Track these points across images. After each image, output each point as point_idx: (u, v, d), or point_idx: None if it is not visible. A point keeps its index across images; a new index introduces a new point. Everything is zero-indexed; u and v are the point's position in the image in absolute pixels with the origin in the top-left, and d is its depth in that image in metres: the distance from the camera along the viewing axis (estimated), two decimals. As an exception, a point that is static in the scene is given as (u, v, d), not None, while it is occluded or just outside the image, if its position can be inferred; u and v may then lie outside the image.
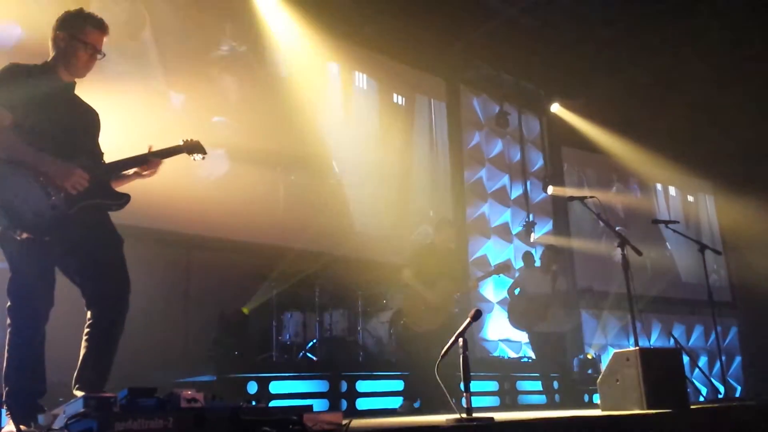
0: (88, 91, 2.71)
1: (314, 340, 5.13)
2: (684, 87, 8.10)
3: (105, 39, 2.67)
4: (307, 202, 6.12)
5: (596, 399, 5.98)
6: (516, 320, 5.82)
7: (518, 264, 7.70)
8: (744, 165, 9.60)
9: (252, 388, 4.02)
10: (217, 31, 5.98)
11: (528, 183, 8.65)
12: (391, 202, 6.91)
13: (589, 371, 6.84)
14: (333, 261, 5.70)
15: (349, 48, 6.86)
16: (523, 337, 7.49)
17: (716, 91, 8.23)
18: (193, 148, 2.86)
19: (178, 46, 5.64)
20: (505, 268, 5.41)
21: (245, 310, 4.82)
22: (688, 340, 9.73)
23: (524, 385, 5.88)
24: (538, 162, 8.95)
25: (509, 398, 5.68)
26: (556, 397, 5.73)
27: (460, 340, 2.57)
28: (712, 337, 8.82)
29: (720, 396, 7.22)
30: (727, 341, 10.19)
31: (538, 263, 6.25)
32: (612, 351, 5.60)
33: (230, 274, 5.28)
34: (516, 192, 8.55)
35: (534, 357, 6.12)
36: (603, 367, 5.17)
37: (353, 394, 4.53)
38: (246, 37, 6.13)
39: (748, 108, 8.42)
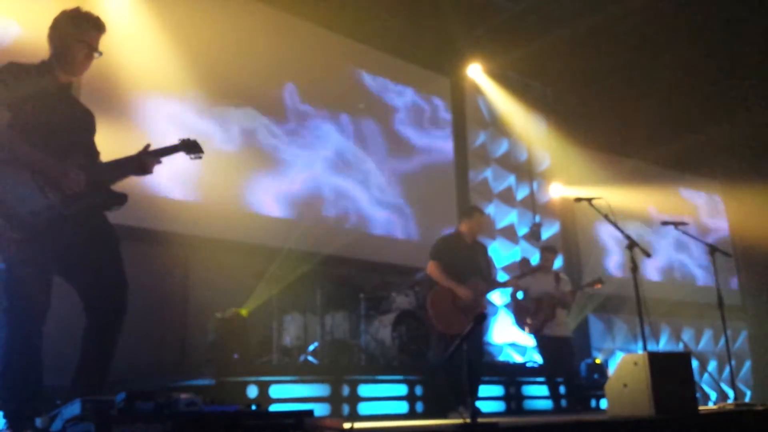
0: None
1: (315, 343, 5.08)
2: (690, 84, 8.03)
3: (101, 37, 2.65)
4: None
5: (603, 404, 5.92)
6: (524, 324, 5.74)
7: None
8: (753, 163, 9.50)
9: (252, 392, 3.95)
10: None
11: (535, 183, 8.58)
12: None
13: (596, 376, 6.76)
14: (334, 262, 5.66)
15: (349, 45, 6.83)
16: (529, 341, 7.43)
17: (722, 88, 8.15)
18: (190, 147, 2.83)
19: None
20: (540, 267, 5.32)
21: (243, 312, 4.77)
22: (698, 344, 9.63)
23: (530, 390, 5.81)
24: (544, 162, 8.88)
25: (515, 403, 5.61)
26: (563, 402, 5.65)
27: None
28: (722, 341, 8.72)
29: (729, 401, 7.12)
30: (736, 345, 10.08)
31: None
32: (620, 355, 5.55)
33: (230, 276, 5.23)
34: (522, 193, 8.48)
35: (541, 362, 6.05)
36: (610, 371, 5.11)
37: (355, 399, 4.47)
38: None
39: (758, 102, 8.33)
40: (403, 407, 4.72)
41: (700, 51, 7.42)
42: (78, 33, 2.58)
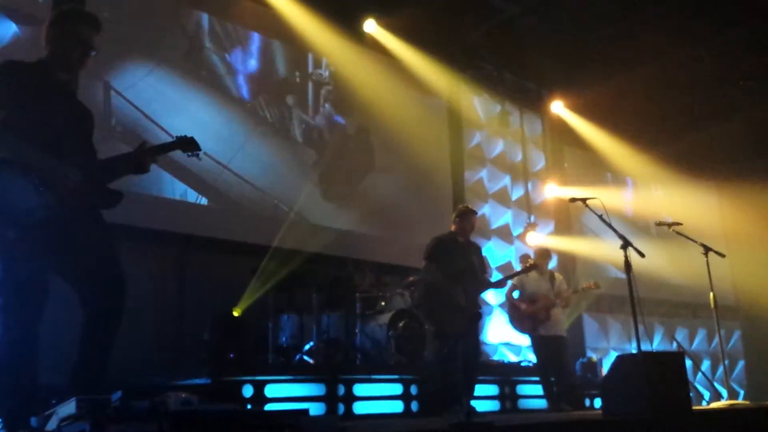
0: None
1: (311, 343, 5.08)
2: (686, 85, 8.06)
3: (97, 36, 2.64)
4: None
5: (598, 403, 5.94)
6: (519, 324, 5.74)
7: (517, 266, 7.65)
8: (750, 162, 9.54)
9: (247, 391, 3.96)
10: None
11: (529, 184, 8.61)
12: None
13: (589, 375, 6.78)
14: (330, 261, 5.65)
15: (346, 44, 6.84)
16: (523, 340, 7.46)
17: (718, 89, 8.19)
18: (188, 144, 2.82)
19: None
20: (536, 266, 5.33)
21: (236, 312, 4.77)
22: (691, 344, 9.67)
23: (525, 389, 5.83)
24: (539, 162, 8.91)
25: (509, 402, 5.63)
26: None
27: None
28: (715, 340, 8.76)
29: (723, 400, 7.16)
30: (730, 345, 10.12)
31: None
32: (614, 354, 5.57)
33: (226, 275, 5.23)
34: (517, 193, 8.50)
35: (536, 361, 6.06)
36: (604, 370, 5.13)
37: (350, 398, 4.47)
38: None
39: (755, 106, 8.38)
40: (398, 407, 4.73)
41: (700, 50, 7.45)
42: (74, 31, 2.57)
